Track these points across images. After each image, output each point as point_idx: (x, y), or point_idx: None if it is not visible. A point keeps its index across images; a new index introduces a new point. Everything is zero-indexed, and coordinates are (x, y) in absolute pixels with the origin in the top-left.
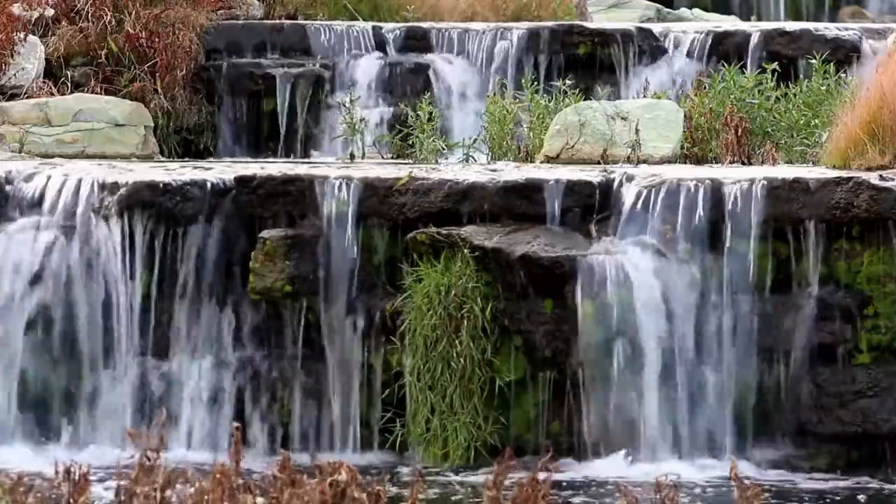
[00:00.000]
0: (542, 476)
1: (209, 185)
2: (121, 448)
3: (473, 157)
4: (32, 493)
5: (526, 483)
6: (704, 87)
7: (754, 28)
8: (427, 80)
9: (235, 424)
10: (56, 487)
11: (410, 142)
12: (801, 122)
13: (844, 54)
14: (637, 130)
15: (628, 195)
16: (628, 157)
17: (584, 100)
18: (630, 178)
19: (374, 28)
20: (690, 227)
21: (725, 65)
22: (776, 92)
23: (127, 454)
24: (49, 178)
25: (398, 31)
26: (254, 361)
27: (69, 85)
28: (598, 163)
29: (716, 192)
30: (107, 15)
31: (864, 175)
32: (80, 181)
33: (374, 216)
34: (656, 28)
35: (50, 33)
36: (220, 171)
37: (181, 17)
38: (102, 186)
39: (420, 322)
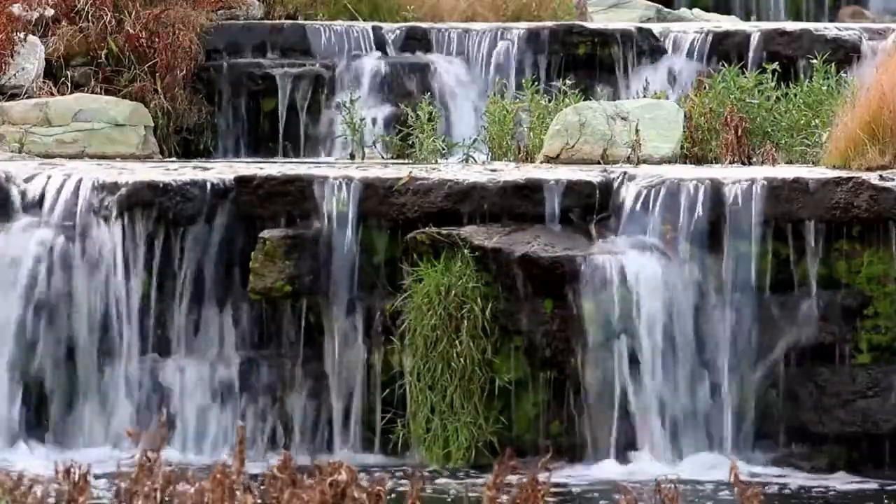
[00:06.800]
0: (541, 476)
1: (209, 185)
2: (121, 448)
3: (473, 157)
4: (32, 494)
5: (526, 483)
6: (704, 87)
7: (754, 28)
8: (427, 80)
9: (240, 423)
10: (56, 488)
11: (410, 142)
12: (802, 122)
13: (844, 54)
14: (637, 130)
15: (628, 195)
16: (628, 157)
17: (584, 100)
18: (630, 178)
19: (374, 28)
20: (690, 227)
21: (725, 65)
22: (776, 92)
23: (127, 454)
24: (49, 178)
25: (398, 31)
26: (254, 361)
27: (69, 85)
28: (598, 163)
29: (716, 192)
30: (107, 15)
31: (864, 175)
32: (80, 181)
33: (374, 216)
34: (656, 28)
35: (50, 33)
36: (220, 171)
37: (181, 17)
38: (102, 186)
39: (420, 322)
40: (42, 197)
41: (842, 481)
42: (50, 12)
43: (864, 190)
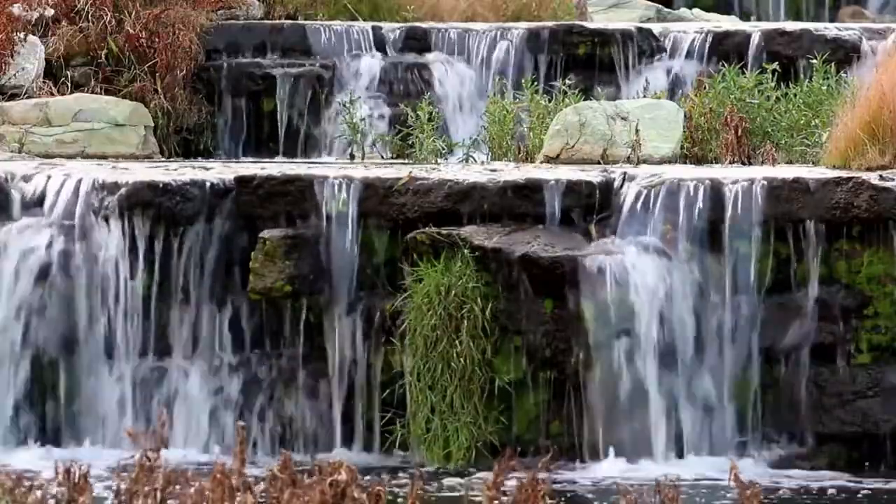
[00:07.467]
0: (541, 476)
1: (209, 185)
2: (120, 448)
3: (473, 157)
4: (32, 494)
5: (526, 483)
6: (704, 87)
7: (754, 28)
8: (427, 80)
9: (241, 423)
10: (56, 488)
11: (410, 142)
12: (802, 122)
13: (844, 54)
14: (637, 130)
15: (628, 195)
16: (628, 157)
17: (584, 100)
18: (630, 178)
19: (374, 28)
20: (690, 227)
21: (725, 65)
22: (776, 92)
23: (127, 454)
24: (49, 178)
25: (398, 31)
26: (254, 361)
27: (69, 85)
28: (598, 163)
29: (716, 192)
30: (107, 15)
31: (864, 175)
32: (80, 181)
33: (374, 216)
34: (656, 28)
35: (50, 33)
36: (220, 171)
37: (181, 17)
38: (102, 186)
39: (420, 322)
40: (42, 197)
41: (842, 481)
42: (50, 12)
43: (864, 190)
